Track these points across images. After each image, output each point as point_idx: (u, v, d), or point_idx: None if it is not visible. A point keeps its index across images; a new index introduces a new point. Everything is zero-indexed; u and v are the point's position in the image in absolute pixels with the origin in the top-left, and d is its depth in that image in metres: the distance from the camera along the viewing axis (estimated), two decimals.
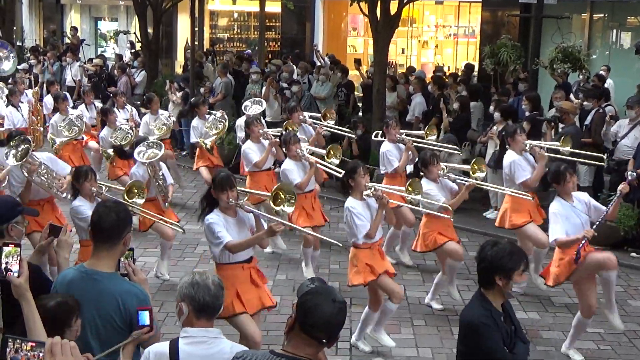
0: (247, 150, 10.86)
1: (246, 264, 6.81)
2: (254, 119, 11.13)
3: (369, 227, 7.58)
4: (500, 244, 4.85)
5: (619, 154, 11.81)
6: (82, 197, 7.79)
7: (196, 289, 4.32)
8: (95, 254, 4.78)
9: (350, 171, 7.74)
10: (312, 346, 3.80)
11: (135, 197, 8.32)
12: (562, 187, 7.68)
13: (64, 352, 3.02)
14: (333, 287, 4.07)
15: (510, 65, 15.66)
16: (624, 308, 9.39)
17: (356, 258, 7.71)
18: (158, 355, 4.24)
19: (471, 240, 11.84)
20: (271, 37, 25.49)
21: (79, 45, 24.08)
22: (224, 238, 6.52)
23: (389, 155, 10.53)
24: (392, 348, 8.04)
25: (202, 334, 4.28)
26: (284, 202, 6.83)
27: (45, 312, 4.19)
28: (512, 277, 4.72)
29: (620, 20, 17.88)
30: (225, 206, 6.66)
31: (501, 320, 4.77)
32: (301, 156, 9.65)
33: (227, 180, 6.67)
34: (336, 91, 16.94)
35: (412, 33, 23.64)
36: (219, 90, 17.36)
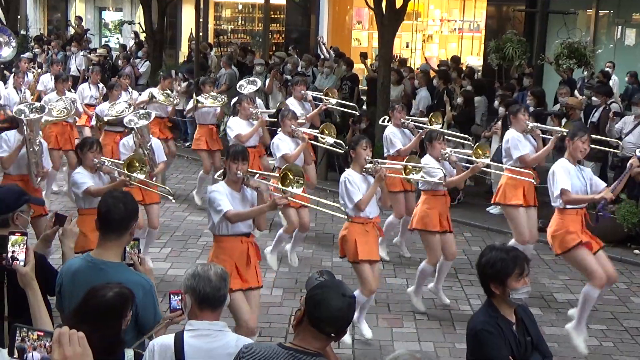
0: (230, 123, 10.78)
1: (245, 237, 6.80)
2: (247, 97, 11.09)
3: (361, 197, 7.52)
4: (495, 249, 4.62)
5: (624, 150, 11.78)
6: (84, 167, 7.81)
7: (197, 280, 4.30)
8: (102, 244, 4.79)
9: (353, 142, 7.79)
10: (320, 340, 3.80)
11: (136, 171, 8.14)
12: (572, 145, 7.64)
13: (71, 342, 3.00)
14: (342, 281, 4.05)
15: (516, 61, 15.62)
16: (626, 305, 9.40)
17: (347, 232, 7.69)
18: (163, 348, 4.22)
19: (474, 235, 11.84)
20: (275, 29, 25.46)
21: (84, 35, 24.06)
22: (224, 206, 6.53)
23: (392, 137, 10.45)
24: (394, 342, 8.04)
25: (206, 326, 4.27)
26: (293, 183, 6.84)
27: (103, 304, 4.02)
28: (507, 283, 4.48)
29: (625, 17, 17.85)
30: (233, 179, 6.69)
31: (510, 329, 4.55)
32: (294, 131, 9.56)
33: (242, 152, 6.78)
34: (340, 84, 16.91)
35: (417, 27, 23.59)
36: (223, 81, 17.34)
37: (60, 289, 4.80)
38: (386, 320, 8.64)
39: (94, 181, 7.74)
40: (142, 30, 22.38)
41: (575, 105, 12.11)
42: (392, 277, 10.03)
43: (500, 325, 4.50)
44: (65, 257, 5.07)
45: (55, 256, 6.32)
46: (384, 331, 8.38)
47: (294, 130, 9.58)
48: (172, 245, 10.92)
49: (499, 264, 4.49)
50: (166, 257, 10.43)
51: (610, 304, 9.28)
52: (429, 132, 9.02)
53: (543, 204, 12.48)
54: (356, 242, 7.59)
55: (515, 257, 4.55)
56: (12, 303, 4.75)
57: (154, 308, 4.73)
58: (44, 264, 4.95)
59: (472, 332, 4.55)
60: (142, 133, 9.34)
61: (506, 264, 4.49)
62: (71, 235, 5.10)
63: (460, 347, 8.02)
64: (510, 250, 4.64)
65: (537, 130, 9.52)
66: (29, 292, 4.17)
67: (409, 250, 10.88)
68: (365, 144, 7.67)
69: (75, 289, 4.65)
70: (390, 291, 9.53)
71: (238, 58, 19.33)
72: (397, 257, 10.75)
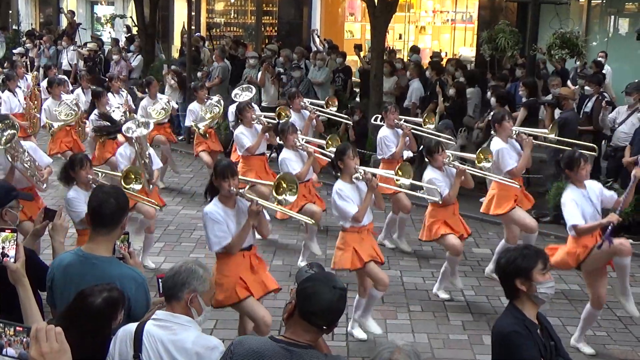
0: (239, 135, 10.81)
1: (246, 252, 6.73)
2: (246, 104, 11.08)
3: (357, 209, 7.51)
4: (512, 250, 4.60)
5: (616, 140, 11.79)
6: (78, 186, 7.63)
7: (174, 271, 4.37)
8: (93, 238, 4.77)
9: (339, 153, 7.68)
10: (311, 332, 3.80)
11: (133, 182, 8.20)
12: (575, 174, 7.51)
13: (48, 338, 2.98)
14: (333, 273, 4.05)
15: (508, 51, 15.62)
16: None
17: (344, 241, 7.66)
18: (124, 333, 4.22)
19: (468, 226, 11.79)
20: (268, 22, 25.40)
21: (76, 29, 23.97)
22: (224, 240, 6.47)
23: (386, 141, 10.49)
24: (387, 334, 8.04)
25: (169, 318, 4.25)
26: (286, 192, 6.80)
27: (92, 310, 4.05)
28: (532, 277, 4.40)
29: (618, 7, 17.85)
30: (226, 195, 6.55)
31: (537, 333, 4.46)
32: (299, 146, 9.57)
33: (229, 168, 6.59)
34: (333, 77, 16.89)
35: (409, 18, 23.55)
36: (215, 74, 17.30)
37: (51, 284, 4.78)
38: (380, 313, 8.63)
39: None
40: (134, 24, 22.29)
41: (569, 95, 12.11)
42: (385, 269, 9.96)
43: (528, 327, 4.42)
44: (55, 252, 5.05)
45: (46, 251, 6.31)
46: (378, 323, 8.34)
47: (298, 144, 9.54)
48: (166, 239, 10.90)
49: (521, 259, 4.43)
50: (160, 251, 10.41)
51: None
52: (427, 146, 8.94)
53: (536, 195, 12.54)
54: (355, 249, 7.58)
55: (536, 252, 4.54)
56: (3, 299, 4.73)
57: (147, 301, 4.73)
58: (34, 259, 4.93)
59: (500, 336, 4.43)
60: (140, 142, 9.14)
61: (529, 257, 4.45)
62: (61, 230, 5.09)
63: (454, 338, 8.05)
64: (528, 247, 4.62)
65: (523, 134, 9.49)
66: (20, 289, 4.16)
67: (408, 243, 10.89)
68: (352, 153, 7.59)
69: (67, 283, 4.66)
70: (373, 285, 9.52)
71: (230, 51, 19.28)
72: (391, 249, 10.74)
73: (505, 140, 9.38)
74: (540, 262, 4.45)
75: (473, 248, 10.86)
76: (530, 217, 9.52)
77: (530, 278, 4.40)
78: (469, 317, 8.63)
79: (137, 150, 9.13)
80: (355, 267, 7.63)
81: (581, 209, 7.35)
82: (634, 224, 11.22)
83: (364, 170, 7.63)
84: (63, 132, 12.45)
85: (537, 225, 9.56)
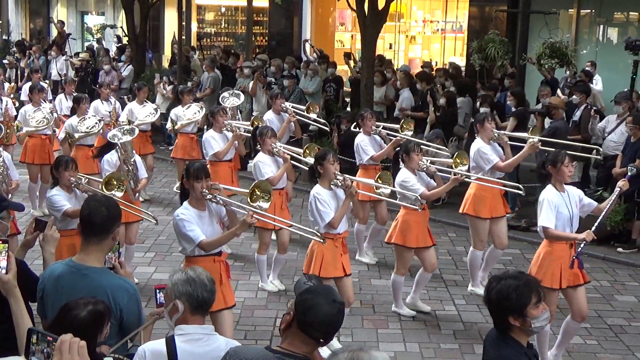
0: (208, 139, 10.65)
1: (217, 257, 6.71)
2: (220, 109, 11.00)
3: (333, 216, 7.48)
4: (502, 278, 4.21)
5: (606, 149, 11.82)
6: (60, 187, 7.70)
7: (193, 286, 4.29)
8: (84, 249, 4.75)
9: (319, 158, 7.65)
10: (309, 344, 3.80)
11: (115, 189, 8.12)
12: (557, 172, 7.36)
13: (71, 350, 2.99)
14: (330, 286, 4.06)
15: (498, 61, 15.69)
16: (610, 303, 9.45)
17: (316, 248, 7.60)
18: (155, 354, 4.20)
19: (458, 236, 11.85)
20: (258, 32, 25.44)
21: (66, 40, 23.94)
22: (197, 237, 6.42)
23: (363, 146, 10.38)
24: (379, 343, 8.04)
25: (198, 330, 4.27)
26: (260, 199, 6.76)
27: (76, 323, 4.00)
28: (526, 314, 4.10)
29: (607, 16, 17.92)
30: (198, 197, 6.55)
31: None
32: (276, 151, 9.38)
33: (203, 169, 6.63)
34: (324, 86, 16.90)
35: (399, 28, 23.62)
36: (206, 85, 17.30)
37: (42, 294, 4.76)
38: (371, 322, 8.64)
39: (70, 202, 7.61)
40: (124, 34, 22.28)
41: (558, 105, 12.16)
42: (377, 279, 10.04)
43: (530, 358, 4.22)
44: (46, 262, 5.02)
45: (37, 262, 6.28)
46: (369, 332, 8.38)
47: (275, 149, 9.34)
48: (156, 249, 10.89)
49: (514, 294, 4.10)
50: (150, 261, 10.40)
51: (594, 302, 9.31)
52: (405, 144, 8.88)
53: (526, 203, 12.59)
54: (323, 258, 7.54)
55: (528, 282, 4.20)
56: None
57: (139, 312, 4.72)
58: (24, 270, 4.91)
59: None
60: (125, 149, 9.11)
61: (521, 292, 4.11)
62: (52, 241, 5.06)
63: (445, 348, 8.06)
64: (518, 276, 4.24)
65: (504, 137, 9.51)
66: (12, 300, 4.14)
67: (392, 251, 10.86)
68: (332, 158, 7.56)
69: (58, 294, 4.64)
70: (376, 292, 9.54)
71: (221, 61, 19.29)
72: (382, 258, 10.75)
73: (487, 142, 9.37)
74: (534, 296, 4.14)
75: (464, 257, 10.86)
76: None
77: (525, 315, 4.12)
78: (460, 326, 8.64)
79: (122, 157, 9.09)
80: (321, 275, 7.48)
81: (556, 212, 7.25)
82: (624, 232, 11.26)
83: (344, 177, 7.60)
84: (39, 141, 12.39)
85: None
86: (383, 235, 10.85)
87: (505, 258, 10.41)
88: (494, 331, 4.35)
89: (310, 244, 7.77)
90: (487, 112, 10.87)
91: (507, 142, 9.46)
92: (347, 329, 8.33)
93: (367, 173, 10.15)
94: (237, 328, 8.16)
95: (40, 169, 12.40)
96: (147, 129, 13.48)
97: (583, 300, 7.48)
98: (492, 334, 4.41)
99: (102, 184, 8.10)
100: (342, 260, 7.70)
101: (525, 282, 4.19)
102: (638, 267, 10.73)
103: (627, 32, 17.08)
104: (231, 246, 10.51)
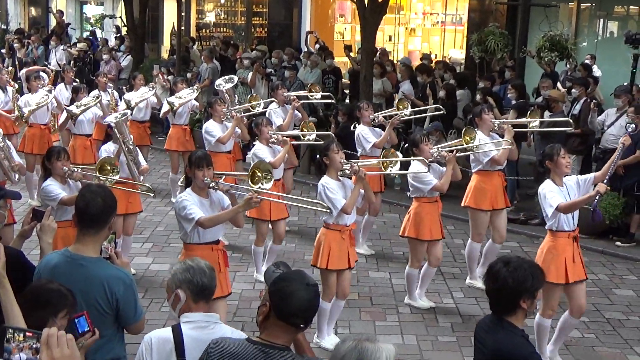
0: (209, 128, 10.65)
1: (215, 245, 6.73)
2: (217, 99, 11.01)
3: (344, 202, 7.42)
4: (512, 263, 4.33)
5: (605, 142, 11.81)
6: (54, 177, 7.66)
7: (192, 273, 4.30)
8: (80, 239, 4.72)
9: (324, 149, 7.63)
10: (289, 333, 3.78)
11: (109, 173, 8.01)
12: (555, 165, 7.28)
13: (60, 344, 2.96)
14: (301, 270, 4.01)
15: (498, 54, 15.65)
16: (608, 297, 9.44)
17: (323, 239, 7.59)
18: (161, 341, 4.20)
19: (457, 228, 11.85)
20: (258, 23, 25.35)
21: (65, 29, 23.88)
22: (195, 214, 6.45)
23: (364, 134, 10.32)
24: (377, 335, 8.02)
25: (203, 318, 4.27)
26: (261, 180, 6.74)
27: (37, 291, 4.07)
28: (537, 295, 4.35)
29: (607, 9, 17.87)
30: (200, 185, 6.59)
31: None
32: (273, 139, 9.33)
33: (206, 157, 6.68)
34: (322, 78, 16.86)
35: (399, 20, 23.55)
36: (205, 75, 17.26)
37: None
38: (369, 314, 8.64)
39: (65, 192, 7.59)
40: (123, 24, 22.22)
41: (558, 98, 12.13)
42: (374, 271, 10.03)
43: (530, 342, 4.36)
44: (43, 252, 4.99)
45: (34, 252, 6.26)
46: (367, 325, 8.37)
47: (273, 136, 9.33)
48: (154, 240, 10.87)
49: (531, 277, 4.29)
50: (148, 252, 10.38)
51: (592, 295, 9.31)
52: (413, 137, 8.80)
53: (525, 196, 12.57)
54: (330, 250, 7.53)
55: (536, 265, 4.50)
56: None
57: (135, 302, 4.72)
58: (21, 260, 4.88)
59: (521, 358, 4.24)
60: (121, 130, 8.99)
61: (539, 278, 4.35)
62: (49, 231, 5.04)
63: (442, 340, 8.05)
64: (524, 260, 4.42)
65: (504, 125, 9.42)
66: (0, 291, 4.10)
67: (391, 244, 10.89)
68: (336, 147, 7.54)
69: None
70: (374, 284, 9.53)
71: (220, 52, 19.24)
72: (380, 250, 10.74)
73: (487, 133, 9.31)
74: (543, 276, 4.45)
75: (462, 250, 10.85)
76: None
77: (535, 297, 4.34)
78: (458, 319, 8.64)
79: (120, 138, 8.95)
80: (324, 267, 7.59)
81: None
82: (623, 226, 11.26)
83: (350, 163, 7.57)
84: (38, 131, 12.37)
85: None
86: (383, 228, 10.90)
87: (504, 251, 10.36)
88: (487, 318, 4.50)
89: (318, 236, 7.76)
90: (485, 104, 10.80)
91: (509, 129, 9.24)
92: (345, 321, 8.34)
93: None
94: (234, 320, 8.17)
95: (37, 159, 12.35)
96: (146, 119, 13.43)
97: (583, 296, 7.46)
98: (484, 321, 4.54)
99: (96, 170, 8.01)
100: (349, 252, 7.70)
101: (534, 264, 4.47)
102: (636, 261, 10.73)
103: (627, 26, 17.03)
104: (229, 237, 10.51)
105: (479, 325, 4.58)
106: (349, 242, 7.71)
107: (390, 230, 11.62)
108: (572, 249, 7.27)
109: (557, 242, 7.30)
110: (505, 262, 4.35)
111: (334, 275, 7.60)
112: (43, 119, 12.42)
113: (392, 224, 11.88)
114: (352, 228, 7.81)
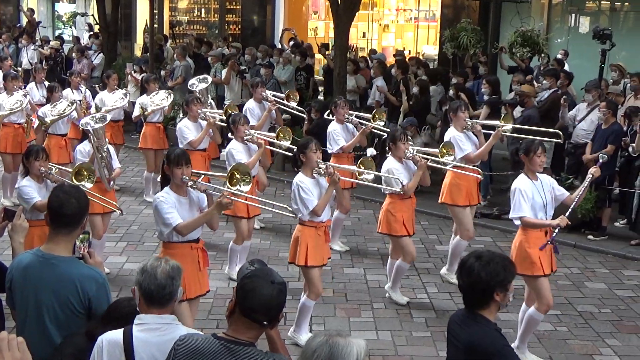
0: (182, 128, 10.62)
1: (194, 244, 6.71)
2: (194, 98, 10.96)
3: (316, 203, 7.47)
4: (484, 257, 4.39)
5: (576, 137, 11.92)
6: (31, 176, 7.68)
7: (144, 277, 4.22)
8: (52, 239, 4.70)
9: (302, 146, 7.64)
10: (253, 329, 3.78)
11: (84, 179, 7.99)
12: (529, 161, 7.38)
13: (11, 347, 2.94)
14: (272, 269, 4.02)
15: (470, 49, 15.74)
16: (580, 290, 9.53)
17: (300, 235, 7.62)
18: (112, 344, 4.14)
19: (431, 224, 11.90)
20: (232, 20, 25.30)
21: (36, 28, 23.67)
22: (174, 220, 6.42)
23: (334, 135, 10.38)
24: (351, 331, 8.05)
25: (155, 320, 4.19)
26: (240, 182, 6.74)
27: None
28: (509, 288, 4.38)
29: (578, 5, 18.02)
30: (178, 183, 6.55)
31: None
32: (249, 138, 9.31)
33: (184, 155, 6.62)
34: (295, 75, 16.86)
35: (372, 17, 23.60)
36: (178, 73, 17.19)
37: (10, 284, 4.71)
38: (344, 310, 8.66)
39: (40, 193, 7.57)
40: (95, 22, 22.08)
41: (530, 93, 12.22)
42: (349, 267, 10.05)
43: (503, 336, 4.41)
44: (15, 252, 4.98)
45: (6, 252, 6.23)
46: (342, 321, 8.39)
47: (249, 135, 9.28)
48: (128, 238, 10.83)
49: (503, 271, 4.36)
50: (122, 251, 10.34)
51: (564, 289, 9.41)
52: (392, 133, 8.84)
53: (499, 192, 12.66)
54: (307, 247, 7.55)
55: (505, 259, 4.50)
56: None
57: (108, 301, 4.68)
58: None
59: (488, 352, 4.28)
60: (98, 136, 8.97)
61: (511, 270, 4.42)
62: (21, 230, 5.01)
63: (417, 335, 8.09)
64: (495, 255, 4.47)
65: (478, 126, 9.53)
66: None
67: (365, 240, 10.92)
68: (314, 146, 7.56)
69: (26, 284, 4.61)
70: (348, 281, 9.56)
71: (194, 50, 19.17)
72: (355, 247, 10.77)
73: (460, 130, 9.40)
74: (514, 269, 4.52)
75: (436, 245, 10.94)
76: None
77: (508, 289, 4.38)
78: (432, 314, 8.68)
79: (95, 144, 8.95)
80: (301, 264, 7.62)
81: (531, 200, 7.30)
82: (595, 220, 11.36)
83: (326, 165, 7.61)
84: (12, 130, 12.29)
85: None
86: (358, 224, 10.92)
87: (477, 246, 10.45)
88: (460, 312, 4.57)
89: (294, 233, 7.77)
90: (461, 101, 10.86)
91: (480, 131, 9.49)
92: (320, 317, 8.36)
93: (340, 161, 10.11)
94: (209, 317, 8.17)
95: (12, 157, 12.28)
96: (120, 118, 13.39)
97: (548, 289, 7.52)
98: (457, 315, 4.60)
99: (72, 174, 8.00)
100: (325, 249, 7.75)
101: (505, 258, 4.53)
102: (608, 254, 10.83)
103: (599, 21, 17.20)
104: (204, 236, 10.38)
105: (452, 319, 4.63)
106: (324, 239, 7.74)
107: (364, 226, 11.66)
108: (544, 241, 7.33)
109: (529, 235, 7.38)
110: (477, 257, 4.40)
111: (316, 271, 7.63)
112: (17, 119, 12.31)
113: (367, 220, 11.92)
114: (328, 224, 7.83)
